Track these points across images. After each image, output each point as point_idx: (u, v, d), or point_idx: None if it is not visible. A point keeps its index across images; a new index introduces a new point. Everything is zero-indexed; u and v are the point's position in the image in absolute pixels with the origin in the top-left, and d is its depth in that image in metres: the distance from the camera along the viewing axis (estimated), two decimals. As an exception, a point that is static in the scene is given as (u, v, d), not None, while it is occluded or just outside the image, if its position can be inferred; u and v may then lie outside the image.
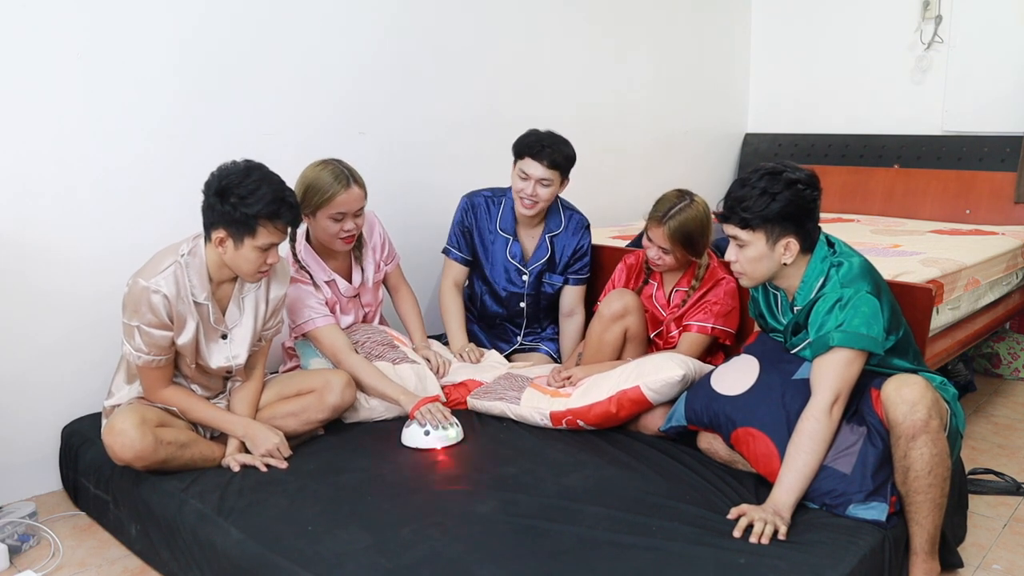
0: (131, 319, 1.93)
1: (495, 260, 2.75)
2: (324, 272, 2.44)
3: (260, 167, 1.94)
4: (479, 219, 2.75)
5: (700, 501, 1.84)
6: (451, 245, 2.79)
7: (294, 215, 1.95)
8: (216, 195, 1.89)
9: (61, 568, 1.98)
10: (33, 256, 2.25)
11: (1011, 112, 3.71)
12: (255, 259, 1.94)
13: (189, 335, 1.99)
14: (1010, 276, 3.14)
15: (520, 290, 2.76)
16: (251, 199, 1.87)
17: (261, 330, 2.14)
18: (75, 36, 2.23)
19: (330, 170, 2.30)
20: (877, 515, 1.72)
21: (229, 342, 2.08)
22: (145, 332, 1.93)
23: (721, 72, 4.50)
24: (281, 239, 1.96)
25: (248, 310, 2.09)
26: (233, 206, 1.87)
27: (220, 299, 2.05)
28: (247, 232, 1.90)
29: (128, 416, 1.93)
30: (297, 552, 1.62)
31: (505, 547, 1.64)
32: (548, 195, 2.60)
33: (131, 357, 1.97)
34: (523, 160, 2.58)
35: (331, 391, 2.19)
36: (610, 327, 2.41)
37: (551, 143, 2.56)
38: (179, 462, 1.99)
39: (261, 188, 1.88)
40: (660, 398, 2.18)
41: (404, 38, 2.99)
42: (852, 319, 1.78)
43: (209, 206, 1.92)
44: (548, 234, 2.74)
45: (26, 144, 2.20)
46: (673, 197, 2.34)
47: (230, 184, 1.88)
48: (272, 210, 1.89)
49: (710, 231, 2.37)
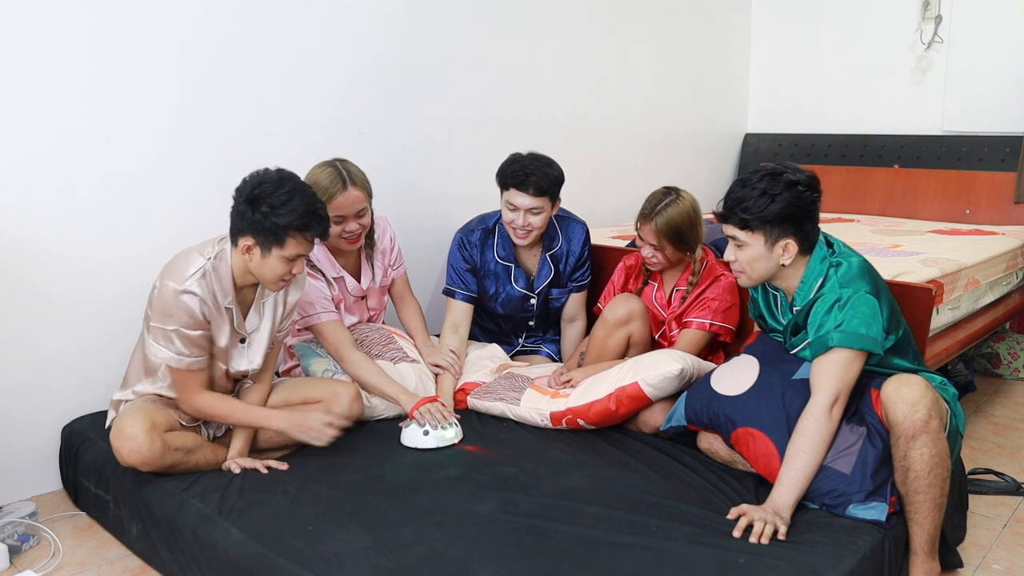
0: (165, 323, 1.90)
1: (501, 291, 2.67)
2: (334, 268, 2.44)
3: (293, 177, 1.92)
4: (476, 254, 2.64)
5: (700, 501, 1.84)
6: (454, 286, 2.64)
7: (324, 228, 1.92)
8: (247, 202, 1.87)
9: (61, 568, 1.98)
10: (34, 258, 2.25)
11: (1011, 112, 3.71)
12: (281, 269, 1.92)
13: (225, 338, 1.98)
14: (1010, 276, 3.14)
15: (529, 313, 2.74)
16: (283, 209, 1.85)
17: (275, 332, 2.14)
18: (77, 37, 2.23)
19: (328, 173, 2.30)
20: (877, 515, 1.72)
21: (247, 347, 2.07)
22: (184, 335, 1.91)
23: (721, 72, 4.50)
24: (308, 250, 1.94)
25: (267, 315, 2.08)
26: (264, 215, 1.85)
27: (241, 304, 2.04)
28: (276, 242, 1.88)
29: (138, 420, 1.92)
30: (297, 552, 1.62)
31: (505, 547, 1.64)
32: (540, 222, 2.50)
33: (171, 362, 1.93)
34: (508, 192, 2.47)
35: (339, 403, 2.16)
36: (614, 332, 2.41)
37: (534, 169, 2.43)
38: (185, 467, 1.98)
39: (294, 199, 1.86)
40: (659, 393, 2.18)
41: (404, 38, 2.99)
42: (851, 319, 1.78)
43: (239, 213, 1.89)
44: (547, 252, 2.67)
45: (28, 146, 2.20)
46: (659, 194, 2.37)
47: (263, 193, 1.86)
48: (304, 222, 1.87)
49: (700, 224, 2.38)
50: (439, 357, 2.50)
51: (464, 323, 2.64)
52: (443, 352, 2.52)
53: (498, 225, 2.64)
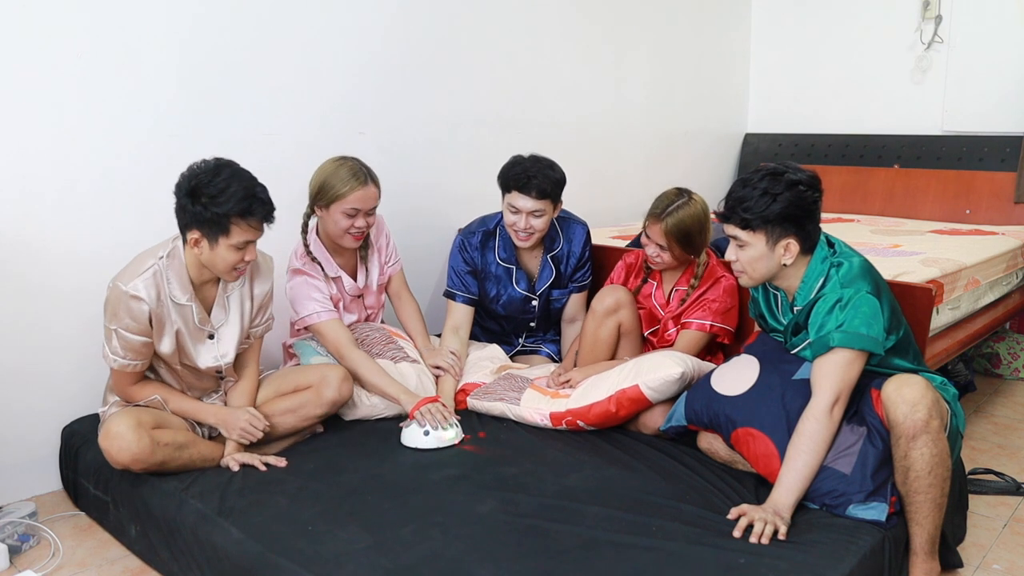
0: (110, 322, 1.93)
1: (503, 293, 2.66)
2: (331, 267, 2.44)
3: (230, 164, 1.92)
4: (477, 256, 2.63)
5: (700, 501, 1.84)
6: (454, 288, 2.63)
7: (267, 211, 1.92)
8: (187, 196, 1.88)
9: (61, 568, 1.98)
10: (34, 255, 2.25)
11: (1011, 112, 3.71)
12: (232, 258, 1.93)
13: (169, 339, 1.99)
14: (1010, 276, 3.14)
15: (531, 315, 2.74)
16: (222, 197, 1.85)
17: (249, 327, 2.14)
18: (75, 36, 2.23)
19: (349, 166, 2.31)
20: (877, 515, 1.72)
21: (216, 342, 2.08)
22: (122, 336, 1.93)
23: (721, 72, 4.50)
24: (256, 235, 1.94)
25: (234, 309, 2.09)
26: (204, 206, 1.86)
27: (204, 299, 2.04)
28: (221, 231, 1.89)
29: (123, 419, 1.93)
30: (297, 552, 1.62)
31: (505, 547, 1.64)
32: (543, 224, 2.49)
33: (107, 360, 1.97)
34: (511, 194, 2.46)
35: (328, 386, 2.18)
36: (604, 323, 2.42)
37: (536, 172, 2.42)
38: (177, 463, 1.99)
39: (231, 186, 1.86)
40: (659, 396, 2.18)
41: (404, 38, 2.99)
42: (852, 319, 1.78)
43: (181, 207, 1.90)
44: (548, 254, 2.66)
45: (27, 143, 2.20)
46: (672, 195, 2.35)
47: (200, 184, 1.86)
48: (244, 207, 1.87)
49: (708, 229, 2.37)
50: (439, 359, 2.50)
51: (465, 325, 2.64)
52: (444, 354, 2.52)
53: (499, 227, 2.64)
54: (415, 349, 2.56)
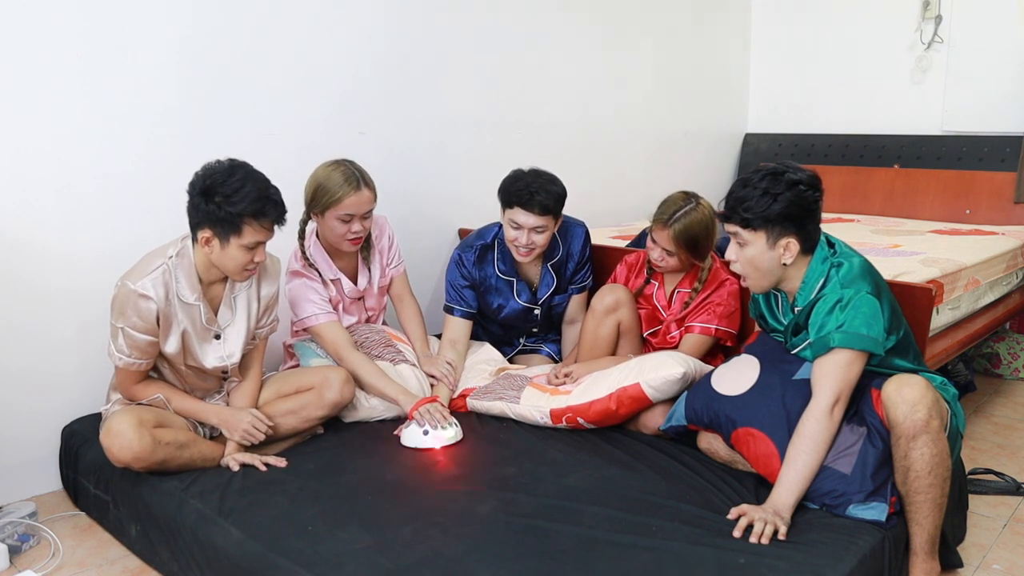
0: (117, 320, 1.94)
1: (504, 305, 2.64)
2: (331, 270, 2.44)
3: (244, 165, 1.94)
4: (476, 272, 2.60)
5: (700, 501, 1.84)
6: (452, 302, 2.60)
7: (279, 212, 1.94)
8: (200, 194, 1.89)
9: (61, 568, 1.98)
10: (34, 256, 2.25)
11: (1011, 112, 3.71)
12: (242, 258, 1.94)
13: (175, 339, 1.99)
14: (1010, 276, 3.14)
15: (534, 323, 2.73)
16: (235, 197, 1.87)
17: (255, 328, 2.14)
18: (75, 36, 2.23)
19: (341, 171, 2.30)
20: (877, 515, 1.72)
21: (223, 342, 2.08)
22: (129, 335, 1.93)
23: (721, 72, 4.50)
24: (267, 237, 1.96)
25: (240, 309, 2.10)
26: (218, 205, 1.87)
27: (211, 299, 2.05)
28: (233, 231, 1.90)
29: (125, 418, 1.93)
30: (297, 552, 1.63)
31: (505, 547, 1.64)
32: (544, 240, 2.44)
33: (112, 358, 1.98)
34: (512, 210, 2.41)
35: (330, 387, 2.19)
36: (603, 321, 2.42)
37: (539, 188, 2.37)
38: (178, 462, 1.99)
39: (245, 186, 1.88)
40: (660, 396, 2.18)
41: (404, 38, 2.99)
42: (852, 320, 1.78)
43: (194, 206, 1.92)
44: (548, 263, 2.63)
45: (27, 144, 2.20)
46: (679, 199, 2.32)
47: (214, 183, 1.88)
48: (257, 208, 1.89)
49: (715, 234, 2.35)
50: (435, 368, 2.49)
51: (462, 339, 2.62)
52: (439, 363, 2.50)
53: (496, 240, 2.61)
54: (414, 353, 2.56)
